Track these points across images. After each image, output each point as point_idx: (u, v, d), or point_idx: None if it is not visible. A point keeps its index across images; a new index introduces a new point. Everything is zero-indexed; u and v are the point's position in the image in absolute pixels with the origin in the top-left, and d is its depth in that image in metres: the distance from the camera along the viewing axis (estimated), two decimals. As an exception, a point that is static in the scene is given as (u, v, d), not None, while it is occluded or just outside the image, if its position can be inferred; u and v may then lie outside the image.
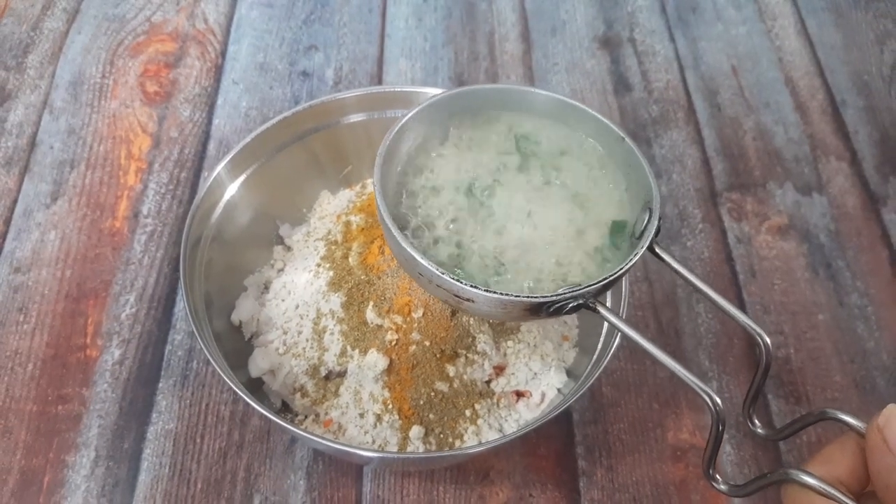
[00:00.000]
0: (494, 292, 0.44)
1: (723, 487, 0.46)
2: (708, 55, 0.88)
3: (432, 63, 0.85)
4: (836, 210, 0.76)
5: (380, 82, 0.83)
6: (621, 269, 0.46)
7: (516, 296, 0.44)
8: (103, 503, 0.57)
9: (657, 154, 0.79)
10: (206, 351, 0.52)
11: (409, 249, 0.45)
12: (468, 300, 0.45)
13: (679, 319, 0.68)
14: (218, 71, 0.83)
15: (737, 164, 0.79)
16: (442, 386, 0.56)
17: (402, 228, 0.47)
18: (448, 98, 0.53)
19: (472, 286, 0.44)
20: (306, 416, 0.58)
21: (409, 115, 0.51)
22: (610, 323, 0.46)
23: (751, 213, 0.75)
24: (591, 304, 0.45)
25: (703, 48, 0.89)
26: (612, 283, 0.46)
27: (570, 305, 0.45)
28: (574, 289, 0.45)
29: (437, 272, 0.44)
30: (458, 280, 0.44)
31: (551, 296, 0.45)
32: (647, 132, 0.81)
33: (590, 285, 0.45)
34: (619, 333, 0.55)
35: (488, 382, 0.58)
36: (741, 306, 0.69)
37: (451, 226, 0.50)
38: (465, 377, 0.57)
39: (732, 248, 0.73)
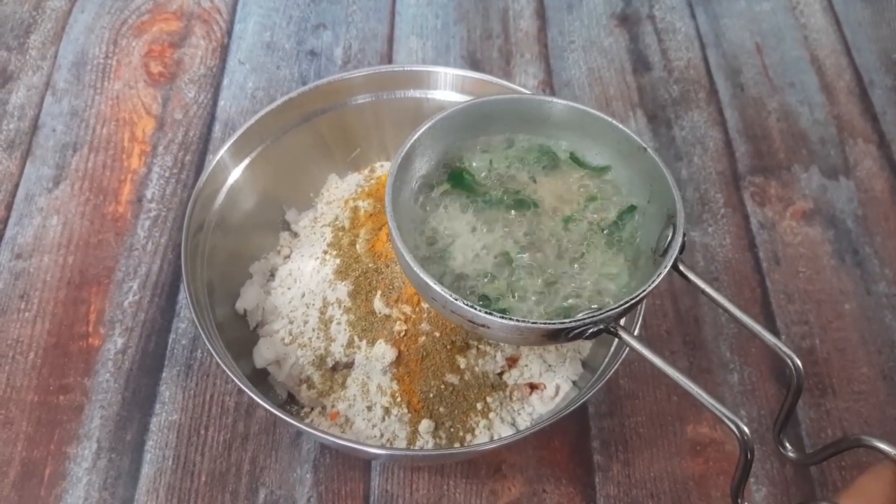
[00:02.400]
0: (510, 319, 0.42)
1: None
2: (730, 33, 0.85)
3: (444, 41, 0.83)
4: (864, 194, 0.74)
5: (390, 61, 0.81)
6: (643, 291, 0.43)
7: (533, 322, 0.43)
8: (105, 496, 0.56)
9: (677, 136, 0.76)
10: (207, 343, 0.50)
11: (422, 275, 0.43)
12: (483, 326, 0.44)
13: (699, 308, 0.66)
14: (224, 51, 0.81)
15: (760, 147, 0.76)
16: (452, 378, 0.54)
17: (415, 253, 0.45)
18: (459, 112, 0.50)
19: (486, 312, 0.42)
20: (312, 409, 0.56)
21: (417, 133, 0.49)
22: (631, 348, 0.44)
23: (775, 198, 0.73)
24: (612, 329, 0.44)
25: (726, 25, 0.86)
26: (633, 307, 0.44)
27: (591, 331, 0.43)
28: (594, 314, 0.43)
29: (451, 298, 0.43)
30: (471, 306, 0.42)
31: (570, 322, 0.43)
32: (667, 113, 0.78)
33: (610, 310, 0.43)
34: (638, 324, 0.53)
35: (500, 374, 0.56)
36: (764, 295, 0.67)
37: (469, 253, 0.48)
38: (476, 369, 0.55)
39: (756, 235, 0.70)
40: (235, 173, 0.59)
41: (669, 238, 0.46)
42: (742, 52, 0.83)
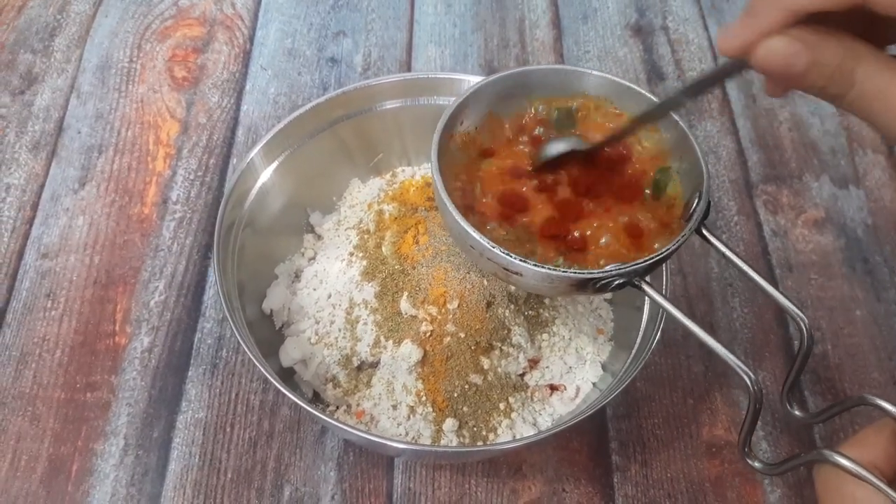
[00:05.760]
0: (542, 267, 0.44)
1: (757, 465, 0.47)
2: (742, 44, 0.86)
3: (462, 50, 0.84)
4: (874, 203, 0.75)
5: (409, 69, 0.82)
6: (668, 249, 0.46)
7: (563, 271, 0.45)
8: (133, 492, 0.57)
9: (691, 145, 0.77)
10: (238, 338, 0.51)
11: (462, 224, 0.46)
12: (516, 273, 0.46)
13: (714, 313, 0.67)
14: (246, 56, 0.82)
15: (772, 156, 0.78)
16: (476, 378, 0.55)
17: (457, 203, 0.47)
18: (500, 79, 0.53)
19: (520, 260, 0.45)
20: (338, 407, 0.57)
21: (463, 97, 0.51)
22: (654, 300, 0.46)
23: (787, 206, 0.74)
24: (636, 283, 0.46)
25: (738, 37, 0.87)
26: (659, 263, 0.46)
27: (616, 283, 0.45)
28: (621, 267, 0.45)
29: (489, 245, 0.45)
30: (506, 254, 0.45)
31: (598, 272, 0.45)
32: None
33: (637, 264, 0.45)
34: (660, 329, 0.54)
35: (522, 375, 0.57)
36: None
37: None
38: (499, 370, 0.56)
39: (768, 242, 0.72)
40: (265, 175, 0.60)
41: (695, 204, 0.48)
42: (753, 64, 0.85)
